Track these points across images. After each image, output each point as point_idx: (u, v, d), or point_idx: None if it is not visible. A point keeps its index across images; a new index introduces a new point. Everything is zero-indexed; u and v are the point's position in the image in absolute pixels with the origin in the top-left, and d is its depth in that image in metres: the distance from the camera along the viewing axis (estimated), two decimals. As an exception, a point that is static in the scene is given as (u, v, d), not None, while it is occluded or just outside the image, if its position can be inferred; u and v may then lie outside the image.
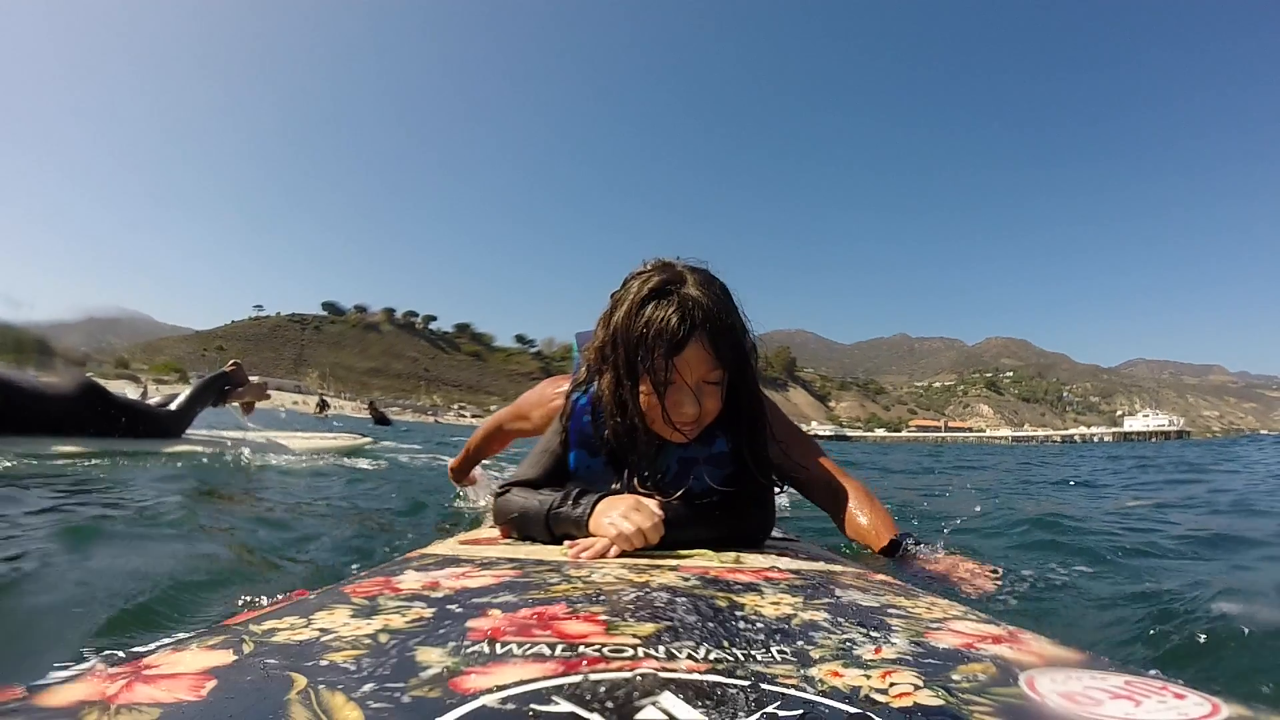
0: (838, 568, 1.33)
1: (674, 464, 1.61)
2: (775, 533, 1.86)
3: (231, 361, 6.35)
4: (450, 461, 3.57)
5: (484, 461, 3.51)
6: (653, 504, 1.44)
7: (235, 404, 6.37)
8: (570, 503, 1.48)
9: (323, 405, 27.17)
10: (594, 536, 1.39)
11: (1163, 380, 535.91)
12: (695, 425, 1.54)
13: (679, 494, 1.54)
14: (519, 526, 1.56)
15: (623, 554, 1.33)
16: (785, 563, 1.33)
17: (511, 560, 1.22)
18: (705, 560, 1.30)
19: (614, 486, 1.58)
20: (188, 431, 5.98)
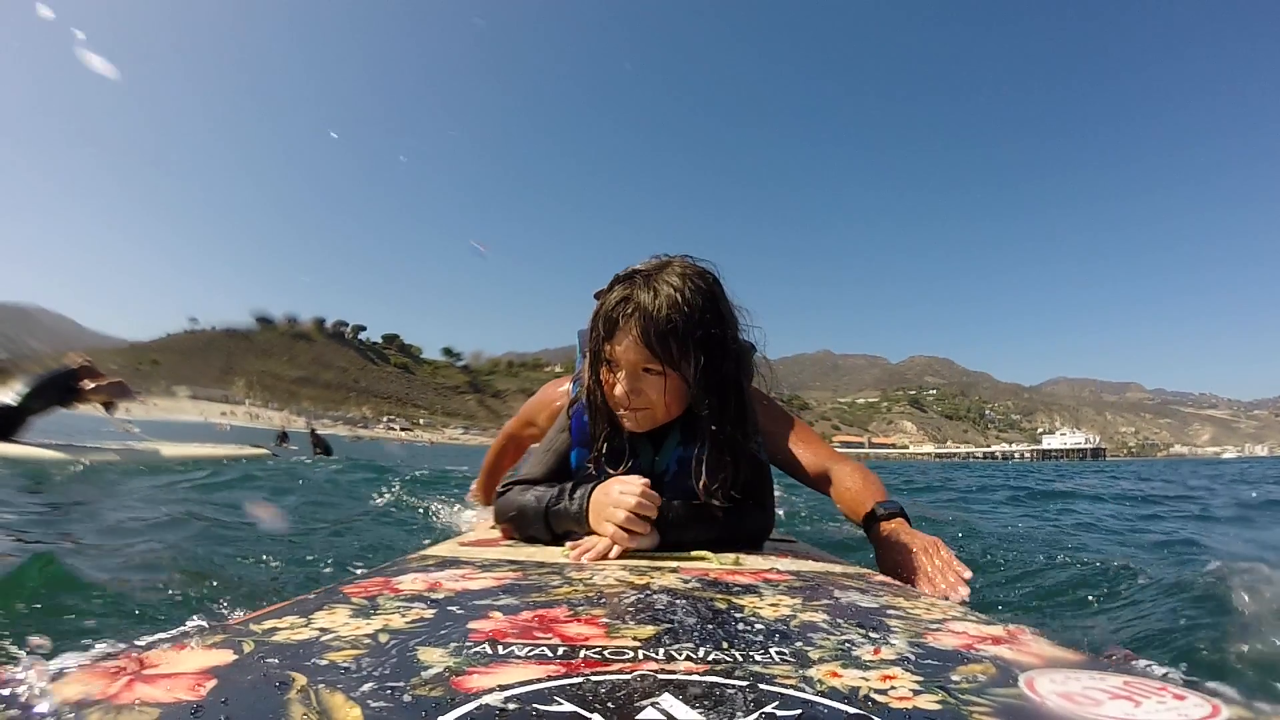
0: (837, 569, 1.34)
1: (673, 464, 1.60)
2: (774, 534, 1.85)
3: (81, 357, 5.82)
4: (472, 485, 3.56)
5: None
6: (634, 477, 1.44)
7: (94, 404, 5.82)
8: (566, 498, 1.48)
9: (283, 437, 19.60)
10: (595, 535, 1.39)
11: (1082, 398, 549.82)
12: (644, 414, 1.53)
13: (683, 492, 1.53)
14: (519, 525, 1.55)
15: (623, 555, 1.33)
16: (785, 564, 1.34)
17: (512, 562, 1.22)
18: (705, 562, 1.31)
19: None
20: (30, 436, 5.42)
